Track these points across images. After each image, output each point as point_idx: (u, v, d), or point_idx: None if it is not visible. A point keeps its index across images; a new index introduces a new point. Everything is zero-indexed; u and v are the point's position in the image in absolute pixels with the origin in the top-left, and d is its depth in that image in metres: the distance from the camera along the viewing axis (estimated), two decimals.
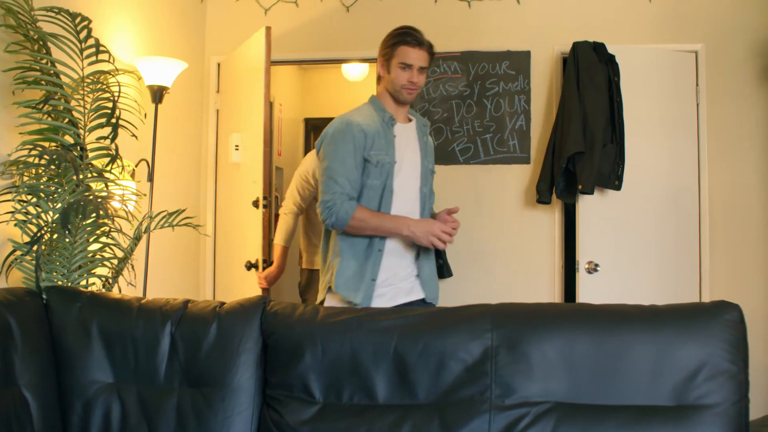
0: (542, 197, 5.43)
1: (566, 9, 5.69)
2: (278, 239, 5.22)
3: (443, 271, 5.46)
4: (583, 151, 5.12)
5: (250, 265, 5.10)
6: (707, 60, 5.57)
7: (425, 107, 5.70)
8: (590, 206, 5.29)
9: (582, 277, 5.27)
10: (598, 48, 5.30)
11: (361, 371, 2.72)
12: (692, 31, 5.59)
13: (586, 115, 5.18)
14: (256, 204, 5.03)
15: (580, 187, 5.15)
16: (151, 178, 4.58)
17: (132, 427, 2.81)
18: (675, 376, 2.54)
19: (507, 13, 5.72)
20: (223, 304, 2.99)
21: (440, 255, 5.42)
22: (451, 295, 5.44)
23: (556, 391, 2.57)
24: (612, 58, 5.26)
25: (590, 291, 5.24)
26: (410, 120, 3.77)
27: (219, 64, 5.95)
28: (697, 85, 5.57)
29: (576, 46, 5.32)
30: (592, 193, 5.15)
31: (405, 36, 3.55)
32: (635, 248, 5.36)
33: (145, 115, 4.34)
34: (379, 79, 3.68)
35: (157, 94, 4.66)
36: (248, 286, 5.12)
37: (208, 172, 5.88)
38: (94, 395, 2.87)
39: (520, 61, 5.68)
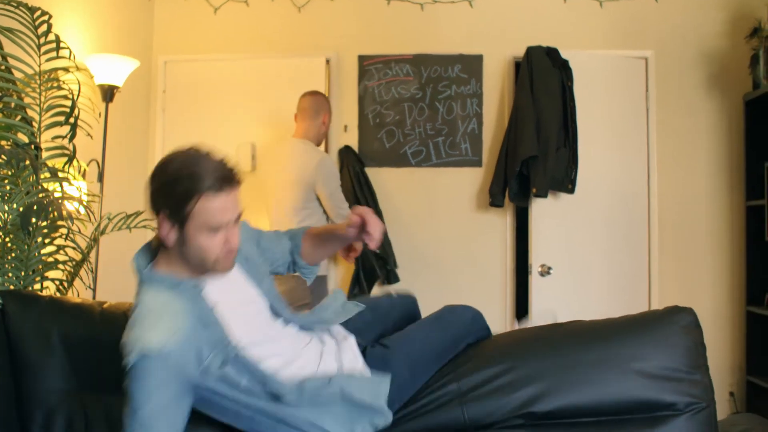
0: (495, 200, 5.43)
1: (519, 14, 5.70)
2: None
3: (389, 276, 5.44)
4: (537, 155, 5.13)
5: None
6: (657, 66, 5.64)
7: (377, 109, 5.66)
8: (543, 209, 5.31)
9: (535, 279, 5.28)
10: (552, 53, 5.32)
11: None
12: (643, 37, 5.66)
13: (540, 119, 5.19)
14: None
15: (534, 190, 5.16)
16: (101, 179, 4.46)
17: None
18: (642, 386, 2.53)
19: (460, 17, 5.70)
20: None
21: (387, 262, 5.40)
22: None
23: (524, 405, 2.54)
24: (565, 63, 5.28)
25: (543, 294, 5.25)
26: None
27: (166, 63, 5.82)
28: (647, 90, 5.62)
29: (530, 50, 5.33)
30: (546, 196, 5.17)
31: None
32: (587, 251, 5.39)
33: (100, 114, 4.23)
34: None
35: (108, 93, 4.55)
36: None
37: None
38: (57, 404, 2.75)
39: (472, 64, 5.68)
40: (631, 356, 2.57)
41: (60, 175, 3.44)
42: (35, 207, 2.90)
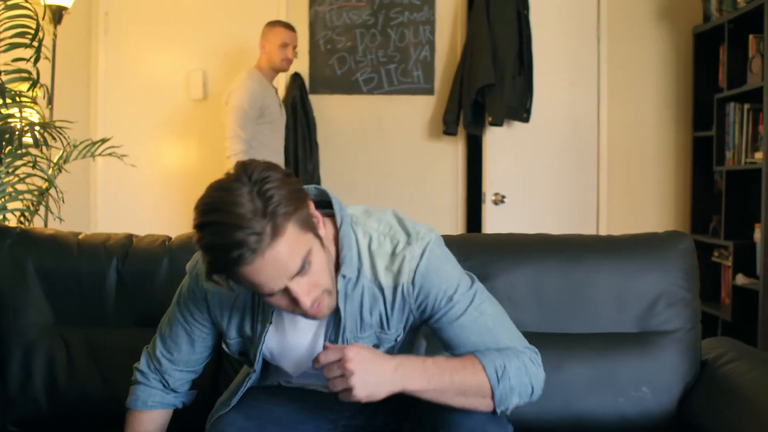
0: (449, 129, 5.41)
1: None
2: None
3: None
4: (494, 83, 5.10)
5: None
6: None
7: (328, 35, 5.55)
8: (497, 138, 5.31)
9: (489, 208, 5.30)
10: None
11: None
12: None
13: (496, 47, 5.16)
14: None
15: (489, 119, 5.16)
16: (50, 103, 4.28)
17: (81, 371, 2.59)
18: (637, 304, 2.58)
19: None
20: (170, 238, 2.79)
21: None
22: None
23: (526, 322, 2.53)
24: None
25: (497, 222, 5.28)
26: None
27: None
28: (598, 20, 5.63)
29: None
30: (501, 125, 5.17)
31: None
32: (540, 180, 5.44)
33: (55, 36, 4.04)
34: None
35: (57, 14, 4.35)
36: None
37: (100, 98, 5.58)
38: (35, 339, 2.61)
39: None
40: (631, 273, 2.62)
41: (23, 100, 3.27)
42: (5, 133, 2.75)
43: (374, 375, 1.68)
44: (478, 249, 2.67)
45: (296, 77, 5.47)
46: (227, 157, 4.62)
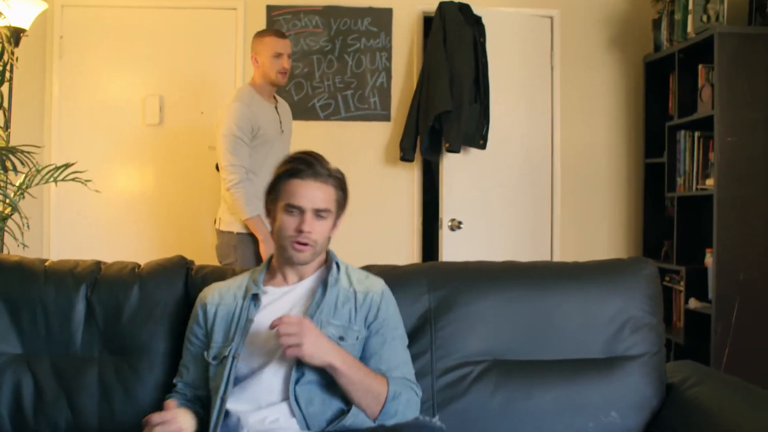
0: (406, 155, 5.45)
1: None
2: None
3: None
4: (451, 110, 5.16)
5: None
6: (562, 26, 5.76)
7: None
8: (454, 164, 5.35)
9: (446, 234, 5.33)
10: (464, 9, 5.34)
11: None
12: None
13: (453, 74, 5.22)
14: None
15: (446, 145, 5.20)
16: (8, 127, 4.23)
17: (49, 401, 2.54)
18: (604, 329, 2.64)
19: None
20: (139, 265, 2.77)
21: None
22: None
23: (495, 349, 2.59)
24: (478, 19, 5.32)
25: (453, 248, 5.31)
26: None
27: (63, 7, 5.55)
28: (552, 49, 5.74)
29: (443, 5, 5.33)
30: (458, 151, 5.21)
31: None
32: (496, 206, 5.50)
33: (17, 58, 4.00)
34: None
35: (15, 36, 4.31)
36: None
37: (54, 122, 5.52)
38: (1, 370, 2.56)
39: (382, 18, 5.65)
40: (597, 299, 2.68)
41: None
42: None
43: (320, 343, 2.16)
44: (447, 277, 2.71)
45: None
46: (226, 189, 4.32)
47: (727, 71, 4.62)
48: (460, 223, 5.35)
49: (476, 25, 5.32)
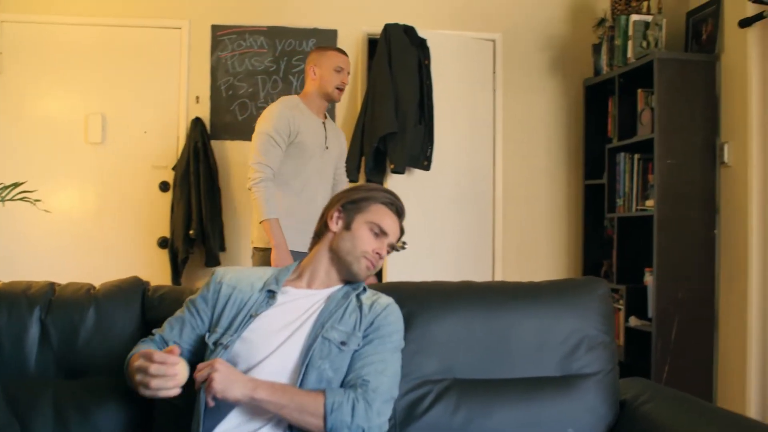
0: (350, 176, 5.43)
1: None
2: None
3: (209, 258, 5.32)
4: (396, 132, 5.20)
5: None
6: (504, 49, 5.85)
7: (230, 81, 5.55)
8: (398, 185, 5.37)
9: (390, 255, 5.34)
10: (409, 31, 5.39)
11: None
12: (492, 20, 5.84)
13: (398, 96, 5.26)
14: None
15: (391, 166, 5.24)
16: None
17: (1, 428, 2.43)
18: (560, 348, 2.69)
19: None
20: (94, 287, 2.73)
21: (206, 240, 5.27)
22: None
23: (454, 368, 2.62)
24: (423, 42, 5.38)
25: (398, 268, 5.34)
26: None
27: (2, 23, 5.46)
28: (494, 72, 5.82)
29: (388, 28, 5.37)
30: (403, 172, 5.26)
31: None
32: (440, 227, 5.54)
33: None
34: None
35: None
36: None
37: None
38: None
39: (327, 39, 5.67)
40: (552, 318, 2.73)
41: None
42: None
43: (231, 378, 2.14)
44: (406, 297, 2.71)
45: (197, 122, 5.44)
46: (248, 188, 4.22)
47: (666, 95, 4.75)
48: (404, 243, 5.38)
49: (421, 47, 5.38)
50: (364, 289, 2.53)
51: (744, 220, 4.58)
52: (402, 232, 2.65)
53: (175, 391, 2.07)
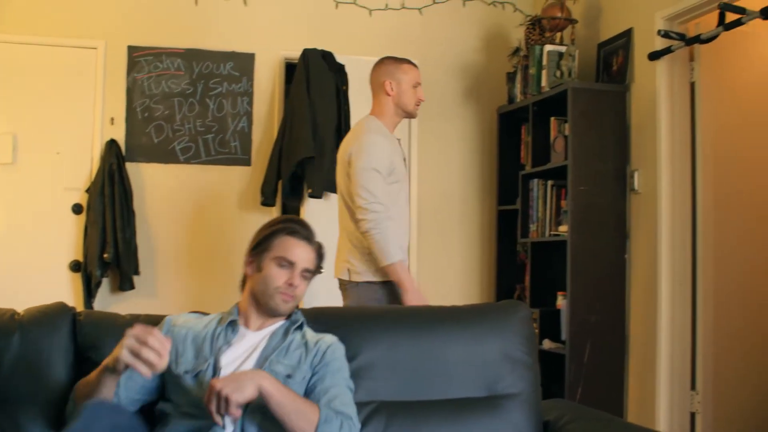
0: (267, 200, 5.46)
1: (292, 15, 5.79)
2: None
3: (123, 282, 5.25)
4: (313, 156, 5.21)
5: None
6: (422, 76, 5.90)
7: (146, 103, 5.50)
8: (315, 210, 5.40)
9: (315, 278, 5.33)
10: (327, 56, 5.44)
11: None
12: (407, 47, 5.87)
13: (316, 121, 5.29)
14: None
15: (309, 191, 5.26)
16: None
17: None
18: (485, 369, 2.74)
19: (234, 14, 5.68)
20: (17, 312, 2.62)
21: (120, 263, 5.20)
22: (167, 302, 5.32)
23: (383, 391, 2.64)
24: (341, 67, 5.42)
25: (313, 293, 5.25)
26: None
27: None
28: None
29: (306, 53, 5.41)
30: (320, 197, 5.28)
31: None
32: None
33: None
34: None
35: None
36: None
37: None
38: None
39: (244, 63, 5.68)
40: (477, 340, 2.78)
41: None
42: None
43: (237, 378, 2.20)
44: (334, 321, 2.75)
45: (112, 144, 5.36)
46: (363, 231, 3.84)
47: (579, 124, 4.89)
48: (320, 268, 5.37)
49: (339, 72, 5.42)
50: (302, 325, 2.59)
51: (653, 245, 4.72)
52: (319, 254, 2.66)
53: (159, 368, 2.07)
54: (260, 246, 2.59)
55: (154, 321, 2.60)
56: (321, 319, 2.74)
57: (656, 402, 4.64)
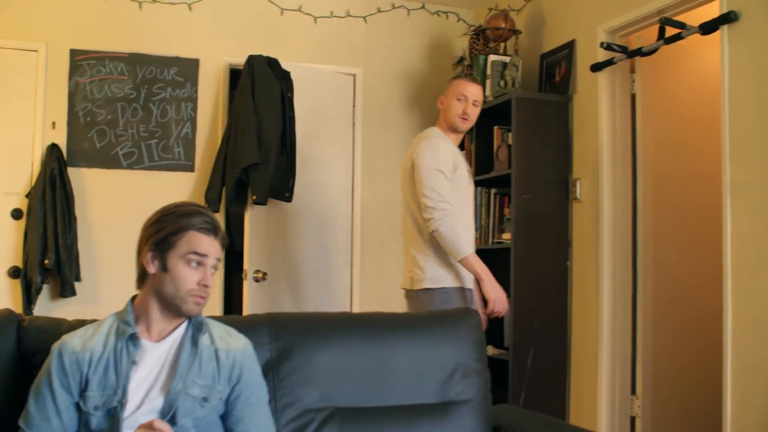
0: (211, 206, 5.41)
1: (237, 22, 5.76)
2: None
3: (65, 289, 5.17)
4: (259, 163, 5.21)
5: None
6: (364, 83, 5.98)
7: (88, 107, 5.42)
8: (259, 216, 5.40)
9: (250, 285, 5.34)
10: (273, 63, 5.43)
11: None
12: (352, 55, 5.97)
13: (261, 127, 5.27)
14: None
15: (254, 197, 5.24)
16: None
17: None
18: (437, 376, 2.80)
19: (178, 20, 5.64)
20: None
21: (61, 270, 5.12)
22: (108, 309, 5.22)
23: (336, 398, 2.67)
24: (287, 74, 5.42)
25: (258, 299, 5.34)
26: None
27: None
28: (354, 105, 5.94)
29: (251, 59, 5.39)
30: (265, 203, 5.27)
31: None
32: (300, 258, 5.58)
33: None
34: None
35: None
36: None
37: None
38: None
39: (188, 68, 5.64)
40: (429, 347, 2.84)
41: None
42: None
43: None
44: (288, 328, 2.76)
45: (54, 149, 5.27)
46: (432, 231, 4.06)
47: (522, 133, 4.97)
48: (265, 274, 5.38)
49: (284, 79, 5.42)
50: (201, 325, 2.41)
51: (595, 252, 4.82)
52: (223, 242, 2.42)
53: None
54: (165, 242, 2.33)
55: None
56: (275, 323, 2.76)
57: (598, 406, 4.74)
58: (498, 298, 4.08)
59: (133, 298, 2.45)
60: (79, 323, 2.60)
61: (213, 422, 2.35)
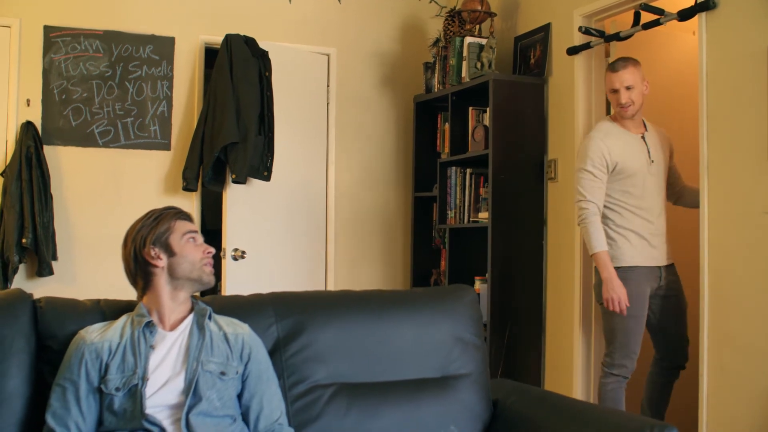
0: (189, 185, 5.44)
1: (211, 1, 5.75)
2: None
3: (42, 268, 5.17)
4: (237, 142, 5.23)
5: None
6: (338, 63, 6.03)
7: (63, 85, 5.39)
8: (237, 195, 5.43)
9: (229, 264, 5.38)
10: (250, 42, 5.45)
11: None
12: (327, 35, 6.01)
13: (239, 106, 5.30)
14: None
15: (233, 176, 5.27)
16: None
17: None
18: (437, 351, 2.91)
19: None
20: None
21: (38, 249, 5.11)
22: (85, 288, 5.24)
23: (342, 374, 2.76)
24: (265, 53, 5.45)
25: (237, 277, 5.38)
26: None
27: None
28: (328, 85, 5.98)
29: (229, 38, 5.40)
30: (244, 182, 5.30)
31: None
32: (278, 237, 5.63)
33: None
34: None
35: None
36: None
37: None
38: None
39: (164, 46, 5.64)
40: (429, 323, 2.94)
41: None
42: None
43: None
44: (292, 307, 2.84)
45: (29, 126, 5.23)
46: (578, 225, 4.37)
47: (499, 114, 5.06)
48: (243, 253, 5.43)
49: (262, 58, 5.44)
50: (210, 314, 2.59)
51: (570, 232, 4.95)
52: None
53: None
54: (163, 234, 2.56)
55: (118, 306, 2.67)
56: (279, 303, 2.83)
57: (573, 376, 4.90)
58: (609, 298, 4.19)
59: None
60: (94, 304, 2.65)
61: (234, 398, 2.51)
